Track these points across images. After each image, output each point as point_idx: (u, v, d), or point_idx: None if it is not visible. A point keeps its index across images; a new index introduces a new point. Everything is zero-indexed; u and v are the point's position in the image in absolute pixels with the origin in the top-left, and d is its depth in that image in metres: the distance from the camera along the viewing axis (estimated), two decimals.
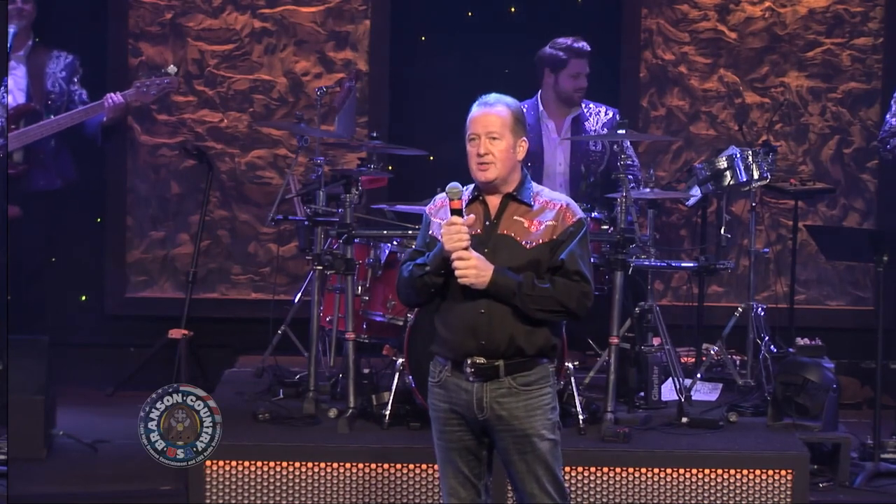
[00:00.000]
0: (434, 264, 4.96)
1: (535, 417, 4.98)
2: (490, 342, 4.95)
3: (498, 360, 4.96)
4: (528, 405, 4.98)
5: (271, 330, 7.98)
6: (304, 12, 9.00)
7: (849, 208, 9.03)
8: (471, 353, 4.97)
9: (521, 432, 4.97)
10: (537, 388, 5.00)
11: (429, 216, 5.13)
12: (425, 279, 4.98)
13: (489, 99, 5.07)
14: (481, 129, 5.00)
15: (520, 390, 4.98)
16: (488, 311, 4.94)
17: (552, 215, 5.03)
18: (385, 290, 7.23)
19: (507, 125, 5.01)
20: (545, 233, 5.00)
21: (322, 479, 6.60)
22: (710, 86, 9.03)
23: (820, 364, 7.22)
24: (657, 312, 7.45)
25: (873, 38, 8.98)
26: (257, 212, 8.95)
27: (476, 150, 5.00)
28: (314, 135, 7.90)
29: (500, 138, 5.00)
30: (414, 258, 5.06)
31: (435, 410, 5.08)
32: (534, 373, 5.00)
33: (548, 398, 5.03)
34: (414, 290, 5.03)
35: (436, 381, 5.07)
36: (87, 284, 9.06)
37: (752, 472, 6.61)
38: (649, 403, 7.38)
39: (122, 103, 7.89)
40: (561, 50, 8.00)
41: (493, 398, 4.97)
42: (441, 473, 5.11)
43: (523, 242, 4.99)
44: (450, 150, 8.54)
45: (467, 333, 4.96)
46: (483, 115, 5.03)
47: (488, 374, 4.97)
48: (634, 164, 7.84)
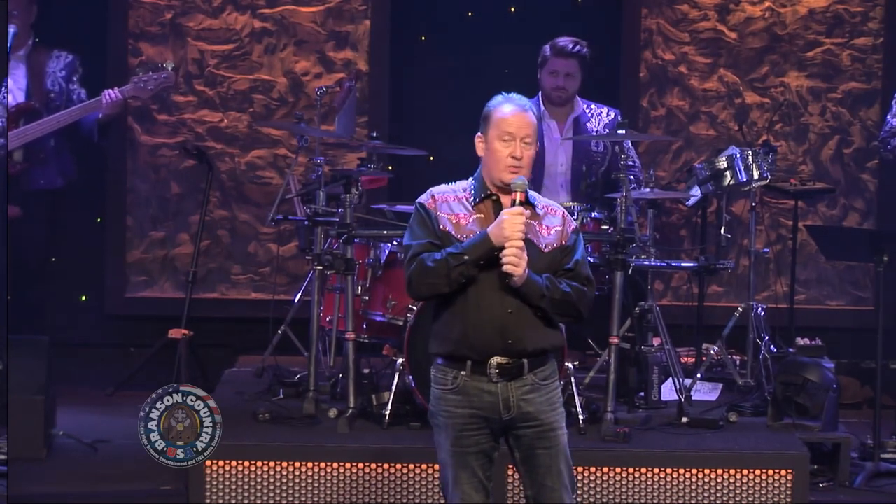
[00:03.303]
0: (477, 254, 4.89)
1: (557, 410, 5.03)
2: (517, 342, 4.95)
3: (522, 358, 4.97)
4: (549, 399, 5.02)
5: (271, 330, 7.98)
6: (304, 12, 9.00)
7: (849, 208, 9.03)
8: (495, 353, 4.95)
9: (547, 426, 4.99)
10: (553, 382, 5.05)
11: (432, 210, 5.02)
12: (463, 269, 4.91)
13: (521, 101, 5.04)
14: (517, 131, 4.98)
15: (541, 385, 5.00)
16: (516, 311, 4.94)
17: (558, 221, 5.05)
18: (385, 290, 7.23)
19: (535, 131, 5.02)
20: (556, 237, 5.02)
21: (322, 479, 6.60)
22: (710, 86, 9.03)
23: (820, 364, 7.23)
24: (657, 312, 7.45)
25: (873, 38, 8.98)
26: (257, 212, 8.95)
27: (511, 151, 4.97)
28: (314, 135, 7.90)
29: (531, 143, 5.00)
30: (428, 250, 4.95)
31: (450, 417, 5.00)
32: (547, 367, 5.04)
33: (559, 392, 5.09)
34: (447, 280, 4.91)
35: (450, 388, 5.00)
36: (87, 284, 9.06)
37: (752, 472, 6.61)
38: (649, 403, 7.38)
39: (119, 99, 7.91)
40: (547, 46, 8.02)
41: (518, 396, 4.97)
42: (453, 480, 5.01)
43: (542, 246, 5.00)
44: (450, 150, 8.58)
45: (495, 332, 4.94)
46: (519, 118, 4.99)
47: (513, 374, 4.97)
48: (636, 165, 7.84)
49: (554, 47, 8.00)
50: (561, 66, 7.98)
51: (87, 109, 7.95)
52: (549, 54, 8.01)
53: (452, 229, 5.00)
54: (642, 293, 7.54)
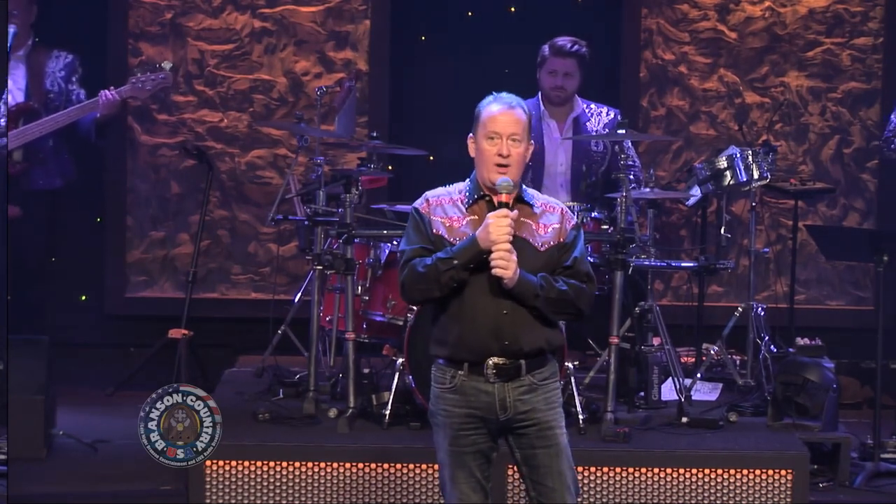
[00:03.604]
0: (465, 258, 4.90)
1: (554, 410, 5.02)
2: (513, 342, 4.94)
3: (520, 359, 4.96)
4: (547, 398, 5.00)
5: (271, 330, 7.98)
6: (304, 12, 9.00)
7: (849, 208, 9.03)
8: (492, 354, 4.95)
9: (544, 425, 4.98)
10: (552, 383, 5.03)
11: (426, 214, 5.04)
12: (452, 273, 4.91)
13: (509, 99, 5.04)
14: (503, 129, 4.97)
15: (538, 385, 4.99)
16: (511, 312, 4.92)
17: (556, 218, 5.03)
18: (385, 290, 7.23)
19: (525, 128, 5.00)
20: (553, 235, 5.01)
21: (322, 479, 6.60)
22: (710, 86, 9.03)
23: (820, 364, 7.22)
24: (657, 312, 7.45)
25: (873, 38, 8.98)
26: (257, 212, 8.95)
27: (498, 149, 4.96)
28: (314, 135, 7.90)
29: (520, 141, 4.98)
30: (420, 255, 4.97)
31: (448, 416, 5.01)
32: (547, 368, 5.03)
33: (559, 392, 5.07)
34: (438, 284, 4.92)
35: (448, 387, 5.00)
36: (87, 284, 9.06)
37: (752, 472, 6.61)
38: (649, 403, 7.38)
39: (116, 100, 7.91)
40: (546, 46, 8.02)
41: (515, 396, 4.97)
42: (450, 480, 5.02)
43: (537, 245, 4.99)
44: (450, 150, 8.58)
45: (490, 334, 4.93)
46: (506, 116, 4.99)
47: (510, 374, 4.96)
48: (636, 165, 7.83)
49: (552, 47, 8.00)
50: (559, 65, 7.98)
51: (84, 110, 7.95)
52: (547, 54, 8.01)
53: (445, 233, 5.00)
54: (642, 293, 7.54)
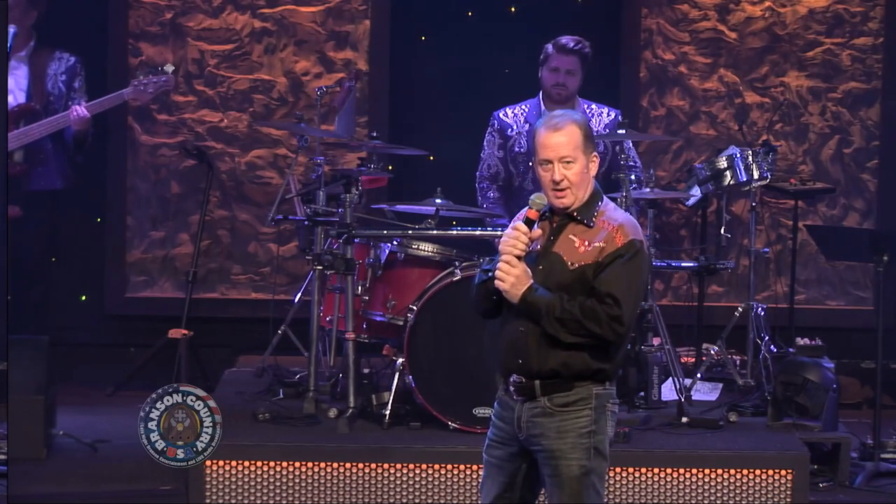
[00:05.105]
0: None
1: (566, 439, 4.84)
2: (526, 361, 4.86)
3: (534, 379, 4.87)
4: (561, 427, 4.85)
5: (271, 330, 7.98)
6: (304, 12, 9.00)
7: (849, 208, 9.03)
8: (513, 371, 4.91)
9: (549, 453, 4.85)
10: (574, 410, 4.86)
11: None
12: (487, 284, 4.88)
13: (557, 119, 4.88)
14: (553, 155, 4.83)
15: (555, 411, 4.86)
16: (527, 330, 4.85)
17: (603, 236, 4.85)
18: (385, 290, 7.23)
19: (578, 146, 4.84)
20: (592, 254, 4.83)
21: (322, 479, 6.60)
22: (710, 86, 9.03)
23: (820, 364, 7.22)
24: (657, 312, 7.45)
25: (873, 38, 8.98)
26: (257, 212, 8.95)
27: (551, 176, 4.84)
28: (314, 135, 7.90)
29: (573, 161, 4.83)
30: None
31: (491, 425, 5.03)
32: (573, 394, 4.86)
33: (584, 420, 4.86)
34: (478, 295, 4.93)
35: (498, 398, 5.01)
36: (87, 284, 9.06)
37: (752, 472, 6.61)
38: (649, 403, 7.38)
39: (85, 116, 7.84)
40: (549, 44, 8.02)
41: (528, 418, 4.88)
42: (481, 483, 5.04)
43: (569, 262, 4.84)
44: (450, 150, 8.60)
45: (510, 351, 4.90)
46: (553, 139, 4.84)
47: (526, 393, 4.89)
48: (637, 166, 7.83)
49: (556, 44, 8.00)
50: (562, 62, 7.98)
51: (58, 123, 7.90)
52: (550, 51, 8.01)
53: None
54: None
